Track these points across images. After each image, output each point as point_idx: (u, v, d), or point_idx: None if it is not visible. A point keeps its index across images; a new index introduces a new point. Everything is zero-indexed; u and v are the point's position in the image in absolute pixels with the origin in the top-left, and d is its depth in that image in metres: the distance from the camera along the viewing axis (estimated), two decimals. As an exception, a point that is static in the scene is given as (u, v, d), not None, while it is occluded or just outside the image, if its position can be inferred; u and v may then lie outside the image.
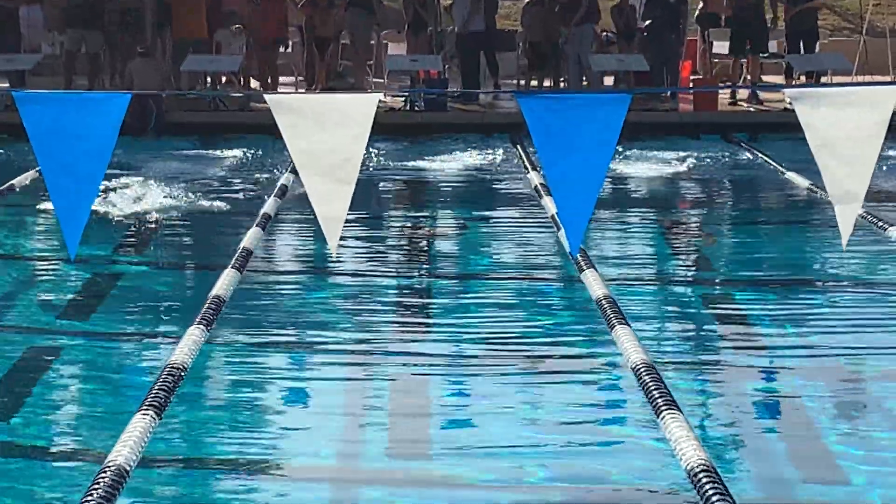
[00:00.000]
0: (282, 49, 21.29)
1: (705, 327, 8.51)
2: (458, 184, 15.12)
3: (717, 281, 9.69)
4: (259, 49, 20.65)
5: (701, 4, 22.21)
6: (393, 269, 10.05)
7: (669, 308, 8.94)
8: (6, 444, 6.66)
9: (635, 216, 13.09)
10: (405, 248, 10.93)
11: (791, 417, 7.13)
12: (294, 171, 11.48)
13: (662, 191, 15.30)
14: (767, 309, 8.84)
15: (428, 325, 8.50)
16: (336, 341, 8.14)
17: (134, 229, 11.84)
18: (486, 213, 13.14)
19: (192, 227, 12.07)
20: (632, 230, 12.18)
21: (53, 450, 6.58)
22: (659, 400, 6.46)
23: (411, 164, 16.64)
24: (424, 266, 10.23)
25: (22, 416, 7.03)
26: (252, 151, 17.29)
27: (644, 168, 16.31)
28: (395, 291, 9.36)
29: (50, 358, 8.16)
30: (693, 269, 10.16)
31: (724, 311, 8.83)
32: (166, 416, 6.34)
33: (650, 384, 6.72)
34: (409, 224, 12.50)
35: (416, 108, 19.92)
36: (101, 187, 5.36)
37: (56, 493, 6.00)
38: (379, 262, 10.27)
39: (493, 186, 15.03)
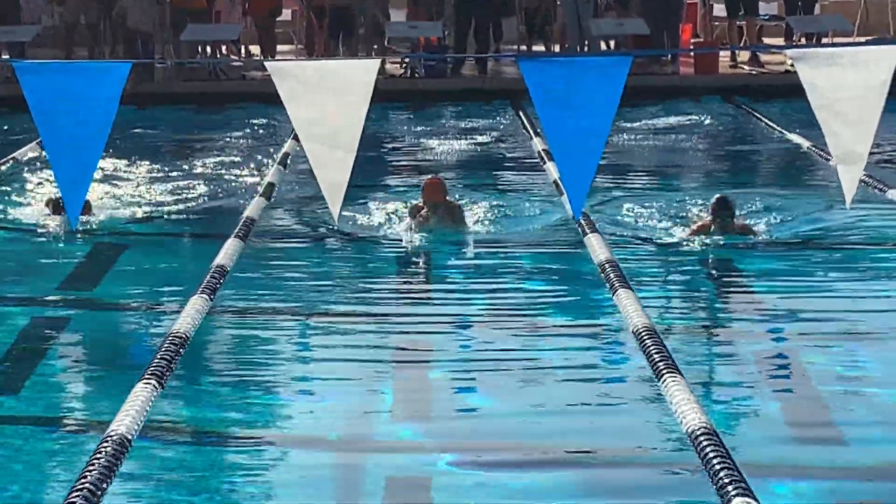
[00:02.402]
0: (279, 18, 21.23)
1: (707, 290, 8.52)
2: (460, 149, 15.10)
3: (720, 244, 9.67)
4: (255, 20, 20.62)
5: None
6: (395, 237, 10.04)
7: (672, 272, 8.94)
8: (9, 415, 6.68)
9: (637, 180, 13.08)
10: (407, 215, 10.91)
11: (792, 379, 7.14)
12: (296, 139, 11.47)
13: (663, 154, 15.27)
14: (770, 270, 8.84)
15: (432, 291, 8.50)
16: (338, 309, 8.14)
17: (135, 199, 11.83)
18: (489, 178, 13.12)
19: (194, 197, 12.06)
20: (633, 194, 12.16)
21: (56, 420, 6.59)
22: (660, 363, 6.48)
23: (412, 130, 16.65)
24: (427, 234, 10.21)
25: (25, 386, 7.04)
26: (252, 120, 17.27)
27: (645, 131, 16.29)
28: (398, 259, 9.36)
29: (52, 328, 8.17)
30: (695, 232, 10.14)
31: (725, 274, 8.84)
32: (168, 385, 6.36)
33: (651, 347, 6.74)
34: (410, 191, 12.47)
35: (417, 75, 19.89)
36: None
37: (59, 462, 6.02)
38: (381, 229, 10.25)
39: (496, 152, 15.01)
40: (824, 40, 19.80)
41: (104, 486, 5.11)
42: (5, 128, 16.07)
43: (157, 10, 19.41)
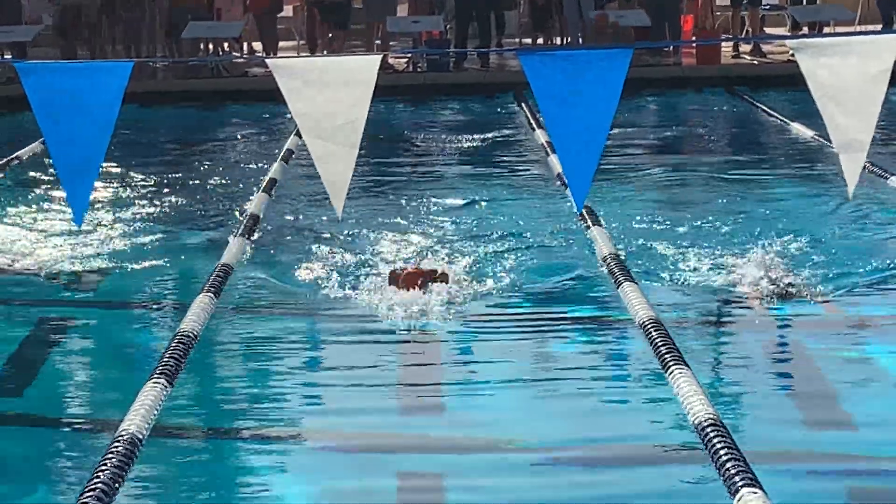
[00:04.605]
0: (280, 14, 21.28)
1: (710, 282, 8.51)
2: (463, 142, 15.10)
3: (724, 235, 9.68)
4: (256, 17, 20.66)
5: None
6: (399, 231, 10.05)
7: (676, 264, 8.93)
8: (20, 415, 6.70)
9: (640, 172, 13.07)
10: (412, 209, 10.92)
11: (798, 370, 7.14)
12: (298, 135, 11.49)
13: (667, 145, 15.28)
14: (774, 262, 8.82)
15: (437, 285, 8.48)
16: (344, 305, 8.13)
17: (138, 197, 11.85)
18: (492, 172, 13.12)
19: (197, 195, 12.08)
20: (636, 187, 12.17)
21: (66, 420, 6.61)
22: (667, 356, 6.49)
23: (414, 124, 16.66)
24: (432, 227, 10.22)
25: (34, 386, 7.06)
26: (254, 117, 17.31)
27: (648, 122, 16.28)
28: (403, 253, 9.35)
29: (60, 328, 8.19)
30: (701, 223, 10.15)
31: (730, 265, 8.82)
32: (177, 384, 6.37)
33: (658, 340, 6.75)
34: (415, 185, 12.49)
35: (419, 69, 19.91)
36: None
37: (70, 462, 6.03)
38: (385, 225, 10.27)
39: (499, 146, 15.01)
40: (826, 29, 19.81)
41: (116, 485, 5.13)
42: (8, 127, 16.09)
43: None
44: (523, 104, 16.88)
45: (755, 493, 4.85)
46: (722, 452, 5.24)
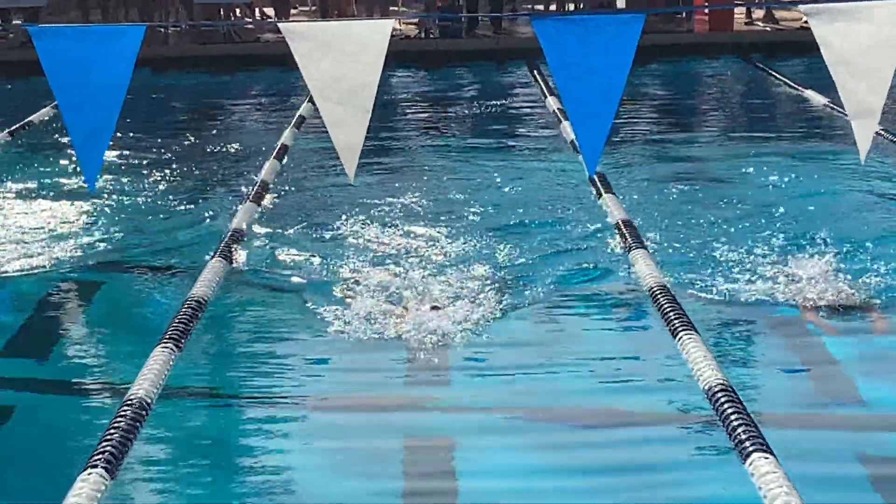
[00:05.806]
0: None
1: (722, 250, 8.51)
2: (474, 109, 15.08)
3: (735, 203, 9.67)
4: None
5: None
6: (411, 199, 10.05)
7: (687, 232, 8.93)
8: (29, 380, 6.72)
9: (651, 138, 13.05)
10: (423, 178, 10.92)
11: (806, 337, 7.15)
12: (311, 101, 11.49)
13: (679, 112, 15.25)
14: (784, 230, 8.83)
15: (447, 253, 8.51)
16: (354, 271, 8.14)
17: (150, 163, 11.86)
18: (504, 138, 13.11)
19: (209, 160, 12.09)
20: (647, 154, 12.15)
21: (75, 384, 6.62)
22: (676, 322, 6.50)
23: (425, 90, 16.64)
24: (443, 195, 10.23)
25: (43, 351, 7.08)
26: (266, 82, 17.30)
27: (660, 89, 16.23)
28: (414, 221, 9.36)
29: (70, 294, 8.20)
30: (711, 191, 10.14)
31: (741, 233, 8.82)
32: (186, 349, 6.40)
33: (666, 306, 6.75)
34: (428, 153, 12.49)
35: (431, 36, 19.87)
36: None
37: (79, 426, 6.06)
38: (396, 193, 10.27)
39: (510, 112, 14.99)
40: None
41: (125, 449, 5.16)
42: (21, 91, 16.11)
43: None
44: (535, 71, 16.85)
45: (766, 457, 4.87)
46: (732, 417, 5.25)
